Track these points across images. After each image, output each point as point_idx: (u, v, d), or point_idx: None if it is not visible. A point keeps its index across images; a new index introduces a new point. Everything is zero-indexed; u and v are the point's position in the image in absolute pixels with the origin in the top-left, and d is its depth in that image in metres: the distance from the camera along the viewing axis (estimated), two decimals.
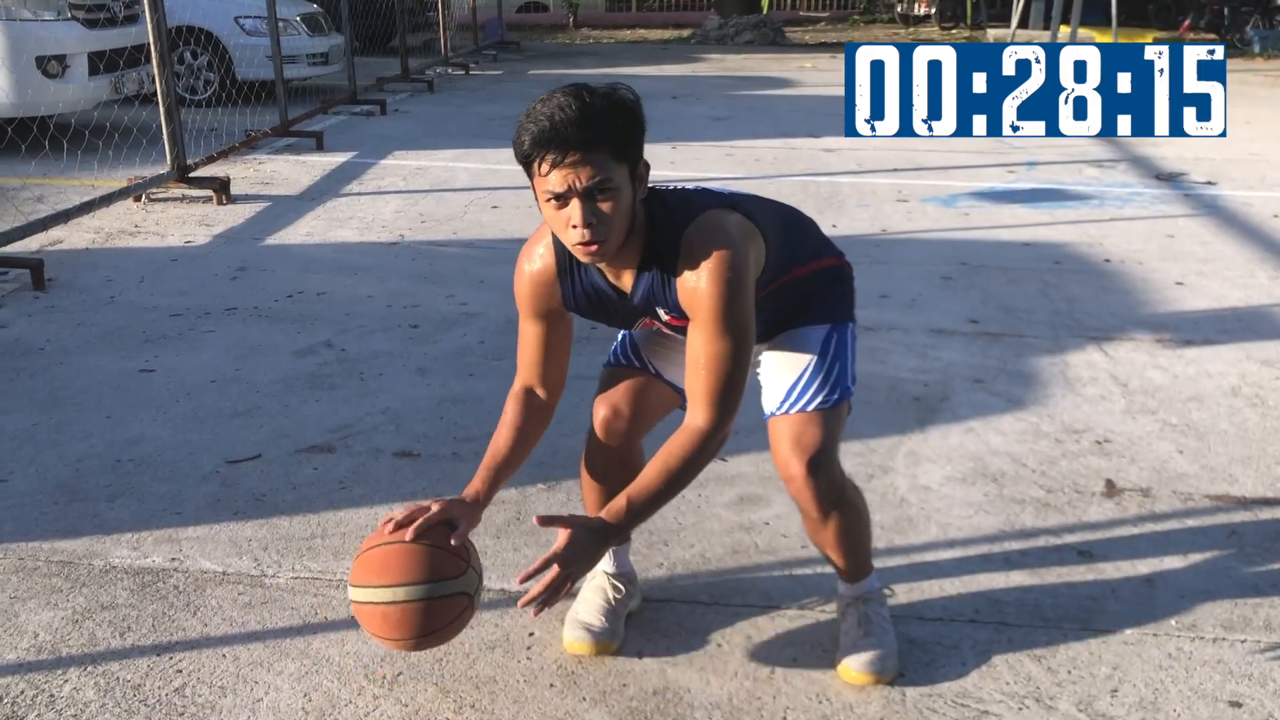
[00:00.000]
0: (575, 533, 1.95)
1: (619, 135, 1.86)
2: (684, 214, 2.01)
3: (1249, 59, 14.78)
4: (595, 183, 1.84)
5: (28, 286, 4.70)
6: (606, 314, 2.14)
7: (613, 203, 1.87)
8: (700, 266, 1.96)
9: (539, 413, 2.19)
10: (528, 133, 1.85)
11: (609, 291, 2.08)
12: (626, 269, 2.04)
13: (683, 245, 1.98)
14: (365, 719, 2.13)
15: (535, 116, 1.85)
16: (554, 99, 1.85)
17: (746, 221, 2.04)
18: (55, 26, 7.12)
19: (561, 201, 1.87)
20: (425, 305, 4.55)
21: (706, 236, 1.97)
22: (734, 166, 7.46)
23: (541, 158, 1.84)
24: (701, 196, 2.08)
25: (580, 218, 1.86)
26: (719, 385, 1.99)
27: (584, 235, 1.87)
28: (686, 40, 17.99)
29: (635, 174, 1.92)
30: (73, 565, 2.64)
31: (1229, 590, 2.57)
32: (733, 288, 1.95)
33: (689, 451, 2.00)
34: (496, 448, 2.15)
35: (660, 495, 2.01)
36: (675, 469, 2.00)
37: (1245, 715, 2.16)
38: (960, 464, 3.19)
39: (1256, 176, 7.24)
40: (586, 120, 1.82)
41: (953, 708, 2.17)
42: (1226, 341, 4.20)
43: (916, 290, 4.81)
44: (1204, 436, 3.38)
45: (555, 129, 1.82)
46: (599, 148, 1.84)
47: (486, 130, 8.85)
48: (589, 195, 1.85)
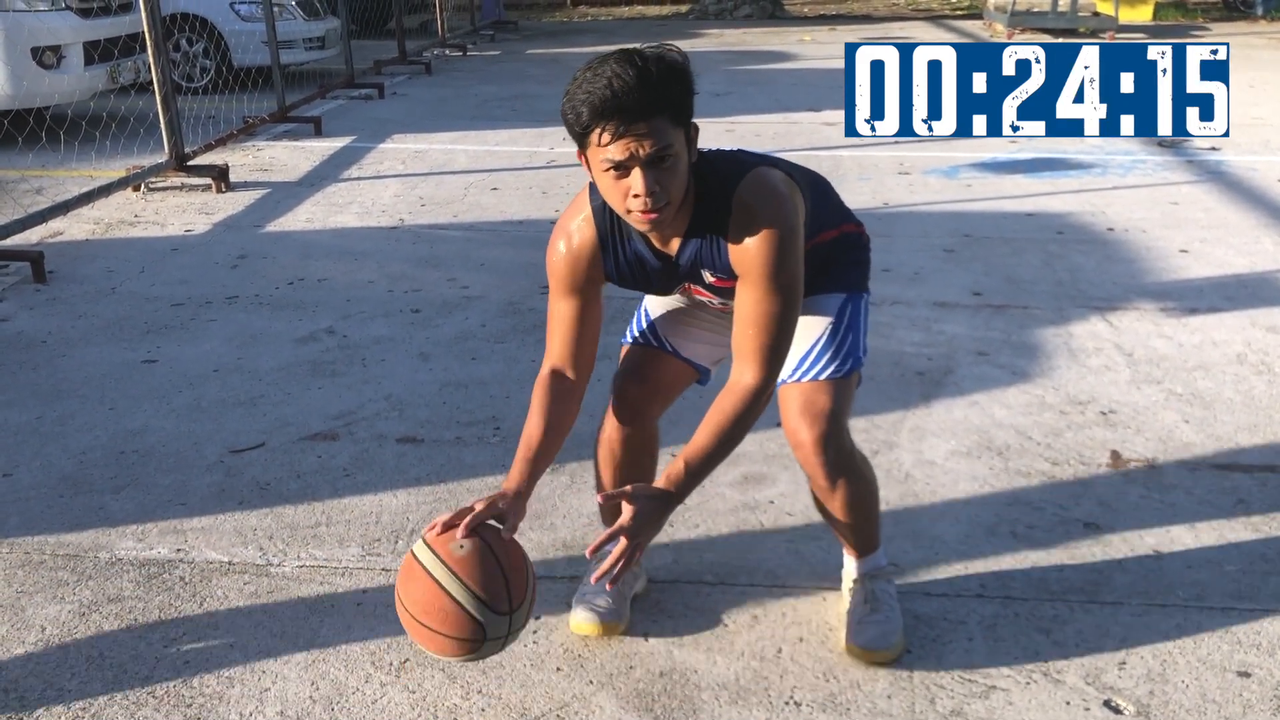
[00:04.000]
0: (640, 503, 1.96)
1: (677, 100, 1.85)
2: (733, 173, 2.00)
3: (1252, 21, 14.65)
4: (657, 151, 1.82)
5: (28, 279, 4.69)
6: (648, 281, 2.13)
7: (673, 169, 1.86)
8: (754, 225, 1.95)
9: (568, 396, 2.14)
10: (584, 104, 1.81)
11: (652, 259, 2.07)
12: (675, 234, 2.03)
13: (734, 203, 1.96)
14: (373, 706, 2.14)
15: (590, 86, 1.81)
16: (608, 66, 1.81)
17: (789, 179, 2.04)
18: (49, 16, 7.08)
19: (622, 171, 1.85)
20: (426, 289, 4.54)
21: (759, 194, 1.96)
22: (735, 142, 7.38)
23: (603, 128, 1.81)
24: (744, 155, 2.08)
25: (644, 186, 1.84)
26: (769, 341, 1.99)
27: (646, 204, 1.86)
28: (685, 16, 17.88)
29: (689, 138, 1.91)
30: (78, 558, 2.65)
31: (1236, 560, 2.56)
32: (785, 245, 1.95)
33: (740, 408, 2.00)
34: (530, 437, 2.10)
35: (715, 454, 2.01)
36: (727, 427, 2.00)
37: (1254, 685, 2.15)
38: (965, 438, 3.18)
39: (1260, 141, 7.19)
40: (646, 88, 1.80)
41: (960, 683, 2.17)
42: (1231, 309, 4.18)
43: (919, 263, 4.78)
44: (1210, 405, 3.37)
45: (616, 98, 1.79)
46: (659, 115, 1.82)
47: (485, 111, 8.81)
48: (651, 163, 1.83)
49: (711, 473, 2.05)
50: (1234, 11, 15.45)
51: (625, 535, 1.93)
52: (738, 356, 2.03)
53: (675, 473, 2.00)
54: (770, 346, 1.99)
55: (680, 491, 2.00)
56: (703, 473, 2.02)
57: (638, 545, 1.94)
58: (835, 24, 15.72)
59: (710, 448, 2.00)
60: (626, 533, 1.93)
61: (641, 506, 1.96)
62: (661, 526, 2.03)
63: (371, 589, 2.51)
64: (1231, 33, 13.35)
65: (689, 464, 2.00)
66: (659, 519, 1.99)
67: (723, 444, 2.01)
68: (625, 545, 1.92)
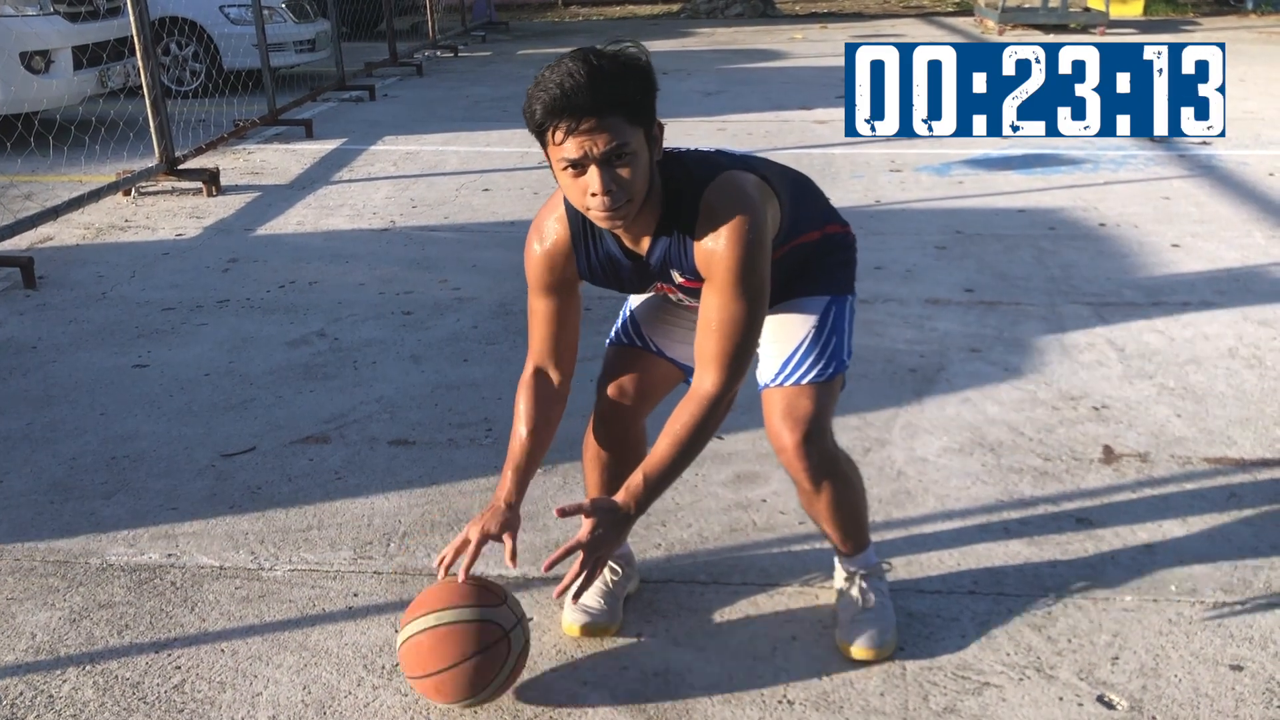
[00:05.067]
0: (598, 517, 1.95)
1: (632, 98, 1.83)
2: (703, 174, 1.98)
3: (1243, 16, 14.68)
4: (612, 148, 1.81)
5: (18, 285, 4.67)
6: (620, 280, 2.12)
7: (630, 167, 1.84)
8: (719, 228, 1.93)
9: (552, 399, 2.16)
10: (539, 101, 1.81)
11: (623, 258, 2.06)
12: (644, 233, 2.01)
13: (702, 206, 1.95)
14: (365, 709, 2.13)
15: (545, 84, 1.81)
16: (563, 65, 1.81)
17: (763, 183, 2.02)
18: (37, 21, 7.07)
19: (578, 169, 1.84)
20: (418, 291, 4.53)
21: (726, 197, 1.94)
22: (726, 141, 7.41)
23: (555, 126, 1.80)
24: (718, 156, 2.06)
25: (600, 184, 1.83)
26: (730, 348, 1.97)
27: (604, 202, 1.84)
28: (676, 15, 17.87)
29: (650, 135, 1.89)
30: (69, 564, 2.64)
31: (1228, 553, 2.56)
32: (751, 250, 1.93)
33: (697, 417, 1.99)
34: (517, 446, 2.13)
35: (674, 466, 2.00)
36: (686, 437, 1.99)
37: (1246, 678, 2.15)
38: (957, 434, 3.18)
39: (1251, 135, 7.20)
40: (597, 85, 1.78)
41: (953, 680, 2.17)
42: (1223, 303, 4.18)
43: (912, 260, 4.78)
44: (1202, 399, 3.37)
45: (566, 96, 1.78)
46: (613, 112, 1.80)
47: (476, 113, 8.80)
48: (606, 161, 1.82)
49: (673, 483, 2.04)
50: (1224, 6, 15.47)
51: (584, 550, 1.92)
52: (698, 362, 2.01)
53: (634, 486, 1.99)
54: (731, 353, 1.97)
55: (640, 505, 1.99)
56: (663, 485, 2.01)
57: (597, 560, 1.94)
58: (826, 22, 15.72)
59: (670, 459, 1.99)
60: (585, 547, 1.93)
61: (600, 520, 1.95)
62: (622, 541, 2.03)
63: (363, 592, 2.50)
64: (1222, 27, 13.38)
65: (648, 477, 1.99)
66: (618, 534, 1.98)
67: (683, 454, 1.99)
68: (583, 560, 1.92)
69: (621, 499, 1.99)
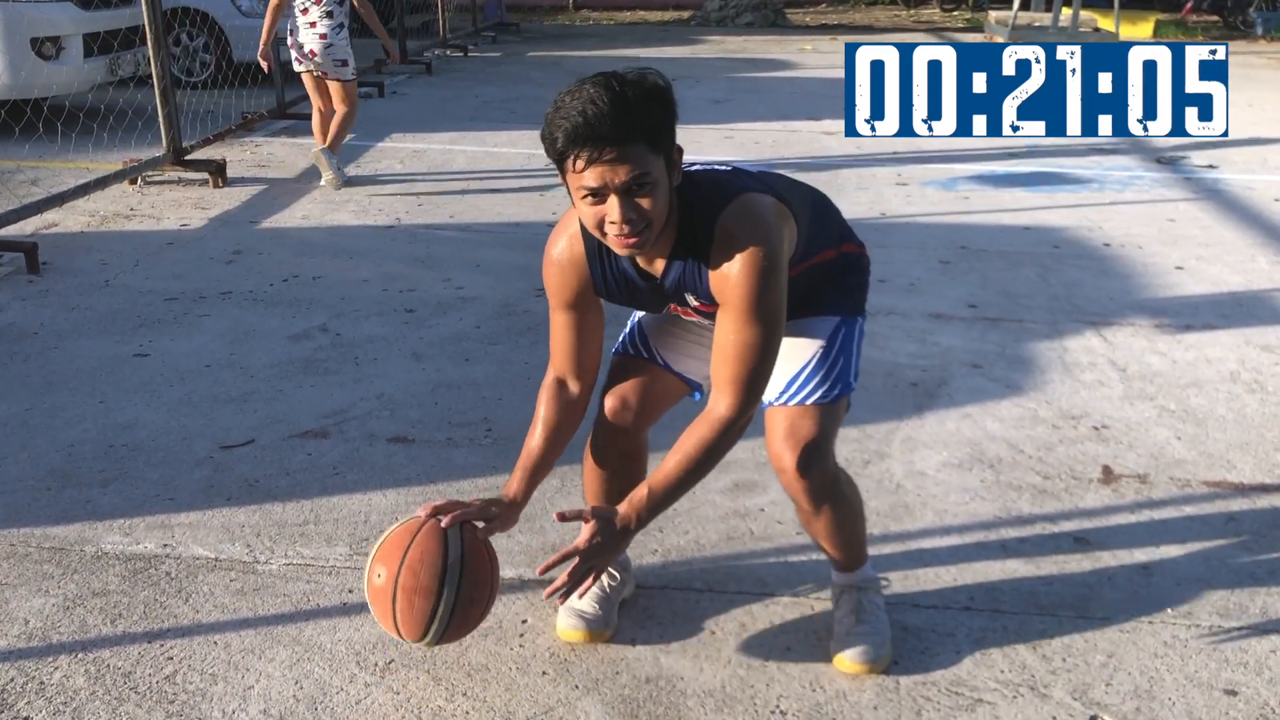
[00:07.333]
0: (598, 525, 1.95)
1: (655, 126, 1.80)
2: (718, 198, 1.95)
3: (1252, 41, 14.69)
4: (633, 178, 1.78)
5: (22, 270, 4.67)
6: (636, 299, 2.11)
7: (651, 197, 1.82)
8: (734, 254, 1.91)
9: (572, 407, 2.16)
10: (560, 129, 1.77)
11: (638, 279, 2.05)
12: (659, 256, 1.99)
13: (717, 231, 1.92)
14: (356, 706, 2.12)
15: (566, 111, 1.77)
16: (584, 91, 1.77)
17: (780, 204, 1.99)
18: (50, 7, 7.07)
19: (598, 198, 1.81)
20: (421, 289, 4.53)
21: (742, 222, 1.92)
22: (733, 149, 7.41)
23: (577, 155, 1.78)
24: (734, 178, 2.03)
25: (619, 214, 1.80)
26: (745, 373, 1.95)
27: (624, 230, 1.82)
28: (686, 22, 17.89)
29: (670, 161, 1.86)
30: (64, 551, 2.63)
31: (1226, 578, 2.56)
32: (766, 277, 1.90)
33: (708, 440, 1.98)
34: (531, 448, 2.14)
35: (681, 484, 2.00)
36: (697, 457, 1.98)
37: (1240, 703, 2.15)
38: (957, 450, 3.17)
39: (1258, 160, 7.20)
40: (620, 114, 1.75)
41: (947, 696, 2.16)
42: (1226, 327, 4.18)
43: (915, 274, 4.78)
44: (1202, 422, 3.37)
45: (589, 125, 1.74)
46: (635, 142, 1.77)
47: (485, 113, 8.81)
48: (627, 191, 1.80)
49: (677, 500, 2.04)
50: (1234, 31, 15.49)
51: (580, 557, 1.92)
52: (714, 385, 2.00)
53: (638, 499, 1.98)
54: (746, 378, 1.96)
55: (641, 519, 1.99)
56: (667, 501, 2.01)
57: (593, 568, 1.93)
58: (837, 34, 15.73)
59: (677, 477, 1.99)
60: (582, 554, 1.92)
61: (600, 528, 1.94)
62: (621, 551, 2.03)
63: (358, 589, 2.49)
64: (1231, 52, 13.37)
65: (653, 492, 1.98)
66: (616, 545, 1.98)
67: (691, 473, 1.99)
68: (578, 566, 1.91)
69: (624, 511, 1.98)
